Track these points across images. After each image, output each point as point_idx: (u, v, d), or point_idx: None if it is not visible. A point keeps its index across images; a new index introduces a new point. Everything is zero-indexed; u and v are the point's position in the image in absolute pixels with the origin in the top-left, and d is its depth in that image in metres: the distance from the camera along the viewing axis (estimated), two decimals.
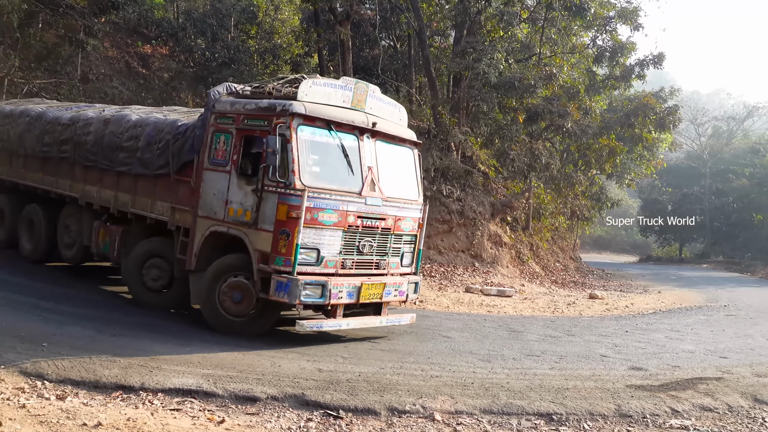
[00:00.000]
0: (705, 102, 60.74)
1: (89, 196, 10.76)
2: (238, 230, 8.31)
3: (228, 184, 8.49)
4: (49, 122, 11.68)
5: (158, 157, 9.51)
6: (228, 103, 8.76)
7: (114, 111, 11.24)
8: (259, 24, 25.24)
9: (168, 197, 9.40)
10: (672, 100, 27.03)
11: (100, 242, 10.43)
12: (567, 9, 20.69)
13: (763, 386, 7.69)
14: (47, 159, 11.72)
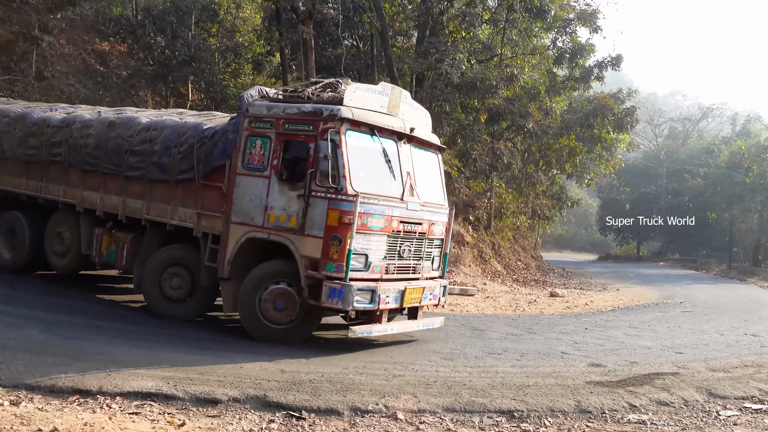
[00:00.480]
0: (661, 103, 62.10)
1: (89, 202, 10.35)
2: (282, 236, 8.19)
3: (267, 189, 8.34)
4: (35, 124, 11.13)
5: (180, 161, 9.23)
6: (264, 107, 8.60)
7: (114, 113, 10.85)
8: (220, 22, 24.97)
9: (192, 203, 9.17)
10: (630, 102, 27.56)
11: (104, 250, 10.06)
12: (528, 11, 20.92)
13: (717, 380, 7.89)
14: (32, 163, 11.19)
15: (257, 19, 26.38)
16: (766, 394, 7.53)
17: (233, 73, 25.30)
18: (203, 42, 23.26)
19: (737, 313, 15.58)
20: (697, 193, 42.75)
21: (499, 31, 23.72)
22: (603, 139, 24.58)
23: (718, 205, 37.83)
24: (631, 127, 25.46)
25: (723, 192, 37.00)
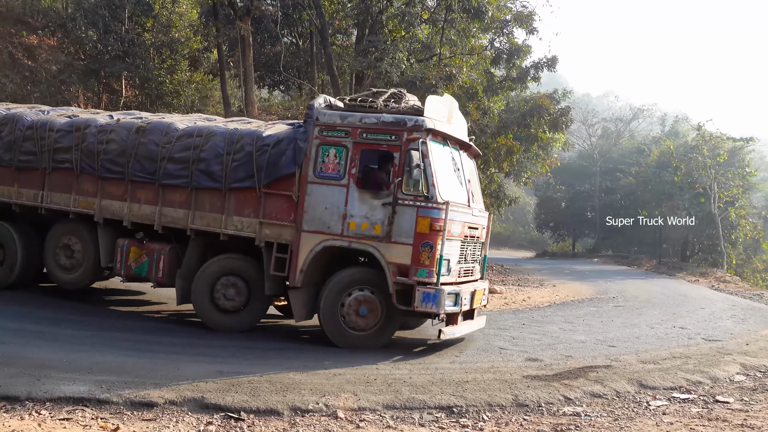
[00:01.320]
0: (595, 104, 63.86)
1: (110, 212, 9.86)
2: (365, 244, 8.40)
3: (346, 197, 8.48)
4: (30, 127, 10.37)
5: (235, 169, 9.07)
6: (337, 116, 8.71)
7: (132, 116, 10.42)
8: (155, 17, 24.36)
9: (252, 212, 9.06)
10: (565, 102, 28.23)
11: (132, 262, 9.66)
12: (466, 11, 21.17)
13: (648, 372, 8.16)
14: (26, 170, 10.44)
15: (194, 14, 25.89)
16: (693, 384, 7.84)
17: (169, 69, 24.72)
18: (137, 37, 22.66)
19: (666, 307, 16.16)
20: (629, 191, 44.12)
21: (438, 30, 23.94)
22: (539, 138, 24.99)
23: (649, 202, 39.10)
24: (566, 127, 26.01)
25: (653, 190, 38.27)
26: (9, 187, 10.60)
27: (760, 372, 8.84)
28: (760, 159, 50.59)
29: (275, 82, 28.00)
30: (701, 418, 6.37)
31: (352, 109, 8.85)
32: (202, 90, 26.58)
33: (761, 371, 8.89)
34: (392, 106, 8.86)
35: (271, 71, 26.51)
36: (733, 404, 7.00)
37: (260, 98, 29.18)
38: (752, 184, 37.12)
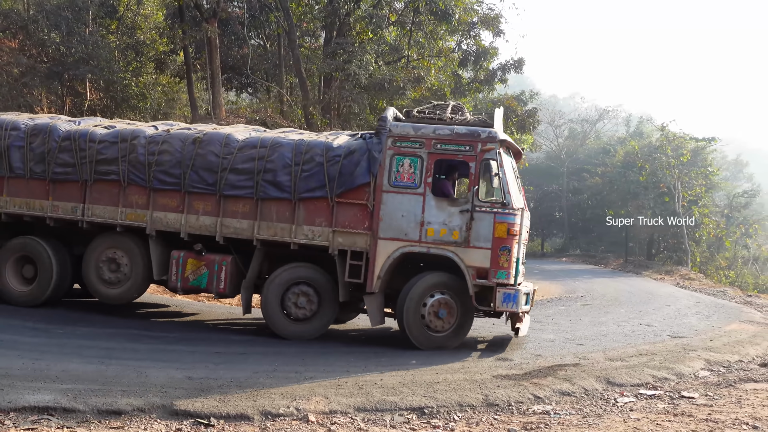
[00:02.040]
0: (562, 105, 64.53)
1: (163, 224, 9.73)
2: (444, 249, 8.91)
3: (422, 205, 8.97)
4: (66, 138, 10.02)
5: (305, 180, 9.27)
6: (410, 128, 9.16)
7: (182, 128, 10.26)
8: (120, 19, 24.02)
9: (324, 221, 9.28)
10: (532, 103, 28.47)
11: (190, 274, 9.63)
12: (433, 14, 21.29)
13: (615, 369, 8.28)
14: (62, 182, 10.07)
15: (159, 16, 25.58)
16: (659, 380, 7.98)
17: (135, 71, 24.38)
18: (102, 39, 22.31)
19: (633, 305, 16.43)
20: (595, 191, 44.71)
21: (405, 33, 24.03)
22: None
23: (615, 202, 39.67)
24: (534, 128, 26.26)
25: (619, 190, 38.83)
26: (42, 200, 10.16)
27: (723, 367, 9.04)
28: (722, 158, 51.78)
29: (243, 85, 27.79)
30: (667, 414, 6.48)
31: (422, 121, 9.35)
32: (168, 93, 26.28)
33: (725, 366, 9.09)
34: (457, 117, 9.44)
35: (238, 73, 26.30)
36: (697, 399, 7.14)
37: (228, 101, 28.93)
38: (714, 183, 37.88)
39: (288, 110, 23.73)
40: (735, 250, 38.61)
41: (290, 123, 21.59)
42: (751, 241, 39.73)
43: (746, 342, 11.04)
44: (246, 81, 26.88)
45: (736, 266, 37.76)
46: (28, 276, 10.25)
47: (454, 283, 9.02)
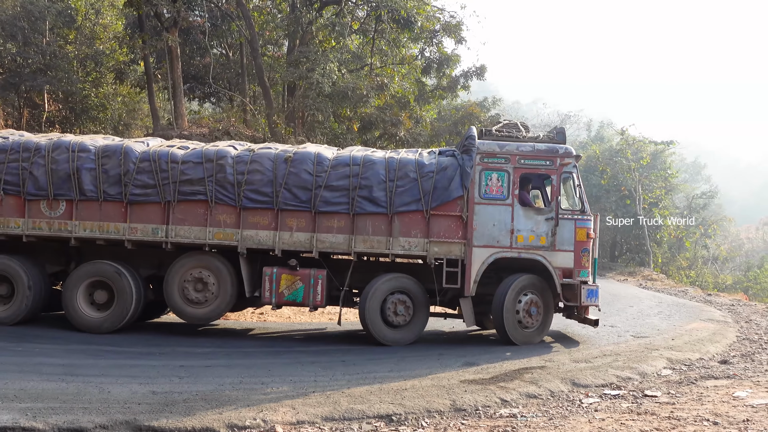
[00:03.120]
0: (525, 111, 65.30)
1: (254, 242, 10.01)
2: (533, 254, 10.11)
3: (512, 215, 10.12)
4: (144, 159, 10.03)
5: (400, 195, 10.01)
6: (496, 146, 10.31)
7: (265, 148, 10.43)
8: (78, 28, 23.65)
9: (419, 233, 10.06)
10: (495, 110, 28.76)
11: (285, 289, 10.07)
12: (395, 21, 21.39)
13: (580, 370, 8.38)
14: (141, 204, 10.03)
15: (119, 26, 25.26)
16: (623, 380, 8.10)
17: (94, 82, 24.01)
18: (60, 49, 21.97)
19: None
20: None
21: (368, 41, 24.10)
22: None
23: None
24: None
25: None
26: (118, 223, 10.04)
27: (685, 365, 9.21)
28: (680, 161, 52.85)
29: (205, 94, 27.56)
30: (631, 413, 6.57)
31: (501, 139, 10.52)
32: (129, 103, 25.95)
33: (686, 365, 9.26)
34: (529, 135, 10.76)
35: (200, 83, 26.07)
36: (660, 398, 7.26)
37: (190, 111, 28.65)
38: (674, 185, 38.67)
39: (252, 119, 23.60)
40: (695, 250, 39.41)
41: (254, 132, 21.48)
42: (710, 241, 40.61)
43: (706, 340, 11.27)
44: (209, 90, 26.67)
45: (696, 266, 38.56)
46: (100, 301, 10.10)
47: (539, 284, 10.22)
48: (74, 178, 9.97)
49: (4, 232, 10.07)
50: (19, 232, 10.04)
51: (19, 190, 10.02)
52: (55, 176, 9.98)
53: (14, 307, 10.03)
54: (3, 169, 10.03)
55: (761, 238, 67.96)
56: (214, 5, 24.02)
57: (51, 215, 10.06)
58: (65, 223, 10.03)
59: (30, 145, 10.11)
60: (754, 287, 34.71)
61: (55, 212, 10.07)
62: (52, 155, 10.00)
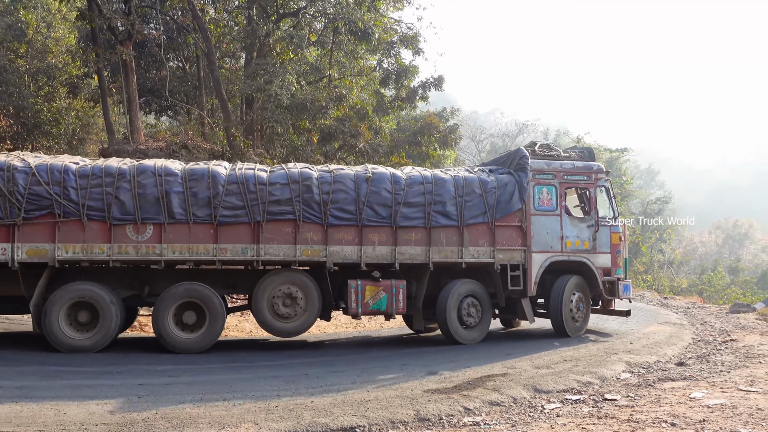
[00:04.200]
0: (483, 120, 66.03)
1: (340, 257, 10.68)
2: (579, 256, 11.92)
3: (560, 224, 11.83)
4: (233, 182, 10.31)
5: (469, 209, 11.23)
6: (543, 164, 11.99)
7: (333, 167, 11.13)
8: (29, 42, 23.16)
9: (486, 242, 11.37)
10: (453, 120, 29.01)
11: (370, 299, 10.86)
12: (353, 33, 21.44)
13: (542, 377, 8.47)
14: (229, 224, 10.27)
15: (71, 39, 24.81)
16: (584, 385, 8.22)
17: (46, 96, 23.52)
18: (10, 63, 21.46)
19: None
20: None
21: (326, 52, 24.11)
22: (431, 155, 25.57)
23: None
24: (456, 144, 26.74)
25: None
26: (207, 244, 10.21)
27: (643, 368, 9.39)
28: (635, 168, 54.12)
29: (162, 108, 27.18)
30: (592, 417, 6.66)
31: (545, 158, 12.21)
32: (83, 118, 25.46)
33: (644, 367, 9.44)
34: (564, 154, 12.51)
35: (157, 96, 25.72)
36: (620, 401, 7.38)
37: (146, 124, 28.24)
38: (629, 191, 39.50)
39: (210, 132, 23.35)
40: (651, 254, 40.27)
41: (212, 145, 21.25)
42: (665, 245, 41.54)
43: (663, 343, 11.51)
44: (165, 104, 26.32)
45: (653, 270, 39.39)
46: (189, 322, 10.28)
47: (582, 283, 12.00)
48: (163, 201, 10.04)
49: (89, 258, 9.91)
50: (104, 257, 9.93)
51: (104, 215, 9.91)
52: (142, 200, 9.99)
53: (99, 335, 9.95)
54: (86, 195, 9.89)
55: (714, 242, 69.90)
56: (169, 18, 23.77)
57: (138, 239, 10.04)
58: (153, 246, 10.06)
59: (112, 169, 10.05)
60: (708, 290, 35.59)
61: (142, 236, 10.07)
62: (138, 179, 10.03)
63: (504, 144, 54.89)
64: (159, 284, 10.51)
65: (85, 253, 9.88)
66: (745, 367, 9.18)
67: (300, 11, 22.61)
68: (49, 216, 9.77)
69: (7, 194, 9.61)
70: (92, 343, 9.90)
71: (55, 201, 9.74)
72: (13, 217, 9.65)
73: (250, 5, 22.60)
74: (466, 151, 48.54)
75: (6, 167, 9.67)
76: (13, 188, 9.63)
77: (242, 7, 23.83)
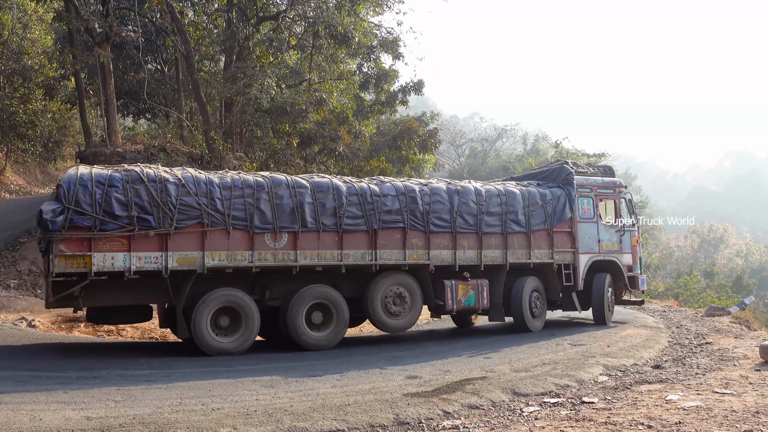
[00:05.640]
0: (462, 125, 66.31)
1: (439, 260, 12.15)
2: (611, 256, 14.35)
3: (597, 229, 14.25)
4: (354, 194, 11.43)
5: (534, 217, 13.20)
6: (583, 180, 14.35)
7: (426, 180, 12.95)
8: (4, 43, 22.88)
9: (545, 245, 13.41)
10: (433, 124, 29.15)
11: (462, 297, 12.43)
12: (333, 37, 21.46)
13: (520, 380, 8.52)
14: (350, 232, 11.34)
15: (48, 40, 24.56)
16: (562, 388, 8.28)
17: (22, 98, 23.26)
18: None
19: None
20: None
21: (306, 56, 24.11)
22: (411, 160, 25.66)
23: None
24: (435, 148, 26.85)
25: None
26: (332, 250, 11.21)
27: (620, 371, 9.48)
28: None
29: (140, 110, 26.99)
30: (569, 420, 6.72)
31: (580, 174, 14.38)
32: (59, 120, 25.21)
33: (621, 370, 9.54)
34: (595, 169, 15.05)
35: (135, 99, 25.55)
36: (597, 404, 7.45)
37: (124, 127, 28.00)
38: None
39: (188, 135, 23.23)
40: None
41: (191, 149, 21.13)
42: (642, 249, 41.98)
43: (640, 346, 11.64)
44: (143, 106, 26.15)
45: None
46: (317, 322, 11.21)
47: (610, 279, 14.30)
48: (297, 211, 10.89)
49: (233, 265, 10.49)
50: (246, 264, 10.56)
51: (246, 224, 10.55)
52: (279, 210, 10.78)
53: (243, 337, 10.57)
54: (230, 205, 10.47)
55: (690, 246, 70.78)
56: (148, 20, 23.62)
57: (275, 246, 10.79)
58: (288, 253, 10.87)
59: (250, 182, 10.77)
60: (684, 293, 36.03)
61: (278, 243, 10.83)
62: (275, 191, 10.83)
63: (483, 148, 55.15)
64: (277, 288, 11.28)
65: (229, 260, 10.48)
66: (720, 369, 9.31)
67: (280, 14, 22.59)
68: (198, 225, 10.27)
69: (161, 205, 9.95)
70: (235, 346, 10.48)
71: (203, 211, 10.27)
72: (166, 227, 9.99)
73: (229, 8, 22.54)
74: (445, 156, 48.71)
75: (158, 179, 10.06)
76: (166, 199, 10.01)
77: (222, 9, 23.75)
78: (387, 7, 25.48)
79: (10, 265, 16.92)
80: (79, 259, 9.47)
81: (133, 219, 9.76)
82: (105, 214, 9.60)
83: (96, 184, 9.64)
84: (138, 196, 9.85)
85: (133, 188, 9.86)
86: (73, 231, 9.44)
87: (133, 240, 9.78)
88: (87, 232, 9.52)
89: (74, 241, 9.47)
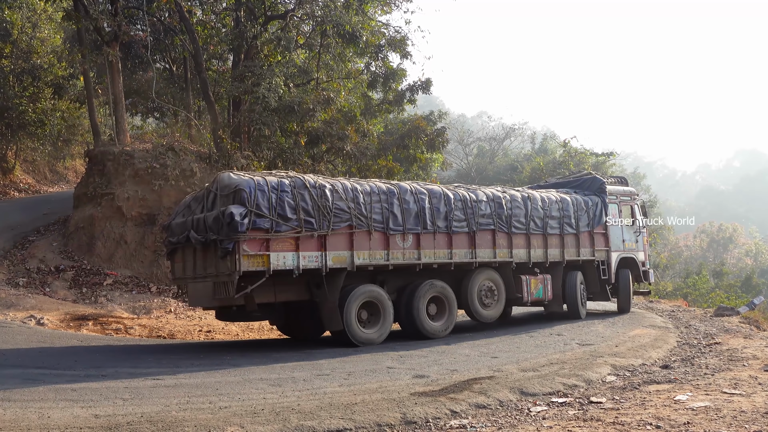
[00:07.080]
0: (470, 124, 66.20)
1: (518, 258, 13.82)
2: (632, 253, 16.59)
3: (621, 230, 16.41)
4: (458, 200, 12.92)
5: (579, 219, 15.18)
6: (611, 188, 16.46)
7: (503, 189, 14.49)
8: (14, 42, 22.99)
9: (588, 245, 15.42)
10: (441, 123, 29.07)
11: (534, 290, 14.13)
12: (341, 36, 21.46)
13: (528, 380, 8.49)
14: (457, 233, 12.79)
15: (57, 39, 24.66)
16: (569, 388, 8.24)
17: (31, 97, 23.36)
18: None
19: (545, 317, 16.88)
20: None
21: (314, 55, 24.12)
22: (418, 159, 25.63)
23: None
24: (443, 147, 26.80)
25: None
26: (443, 249, 12.60)
27: (628, 371, 9.44)
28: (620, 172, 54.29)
29: (149, 109, 27.09)
30: (577, 420, 6.69)
31: (612, 184, 16.79)
32: (68, 119, 25.31)
33: (629, 370, 9.49)
34: (612, 179, 17.28)
35: (143, 98, 25.64)
36: (605, 404, 7.41)
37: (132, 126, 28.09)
38: None
39: (197, 134, 23.28)
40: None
41: (199, 147, 21.17)
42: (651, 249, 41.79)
43: (648, 346, 11.58)
44: (152, 105, 26.24)
45: None
46: (432, 313, 12.63)
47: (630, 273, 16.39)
48: (420, 215, 12.25)
49: (374, 264, 11.68)
50: (383, 262, 11.80)
51: (383, 226, 11.77)
52: (407, 214, 12.07)
53: (383, 329, 11.90)
54: (371, 209, 11.65)
55: (699, 246, 70.41)
56: (156, 19, 23.68)
57: (404, 246, 12.08)
58: (413, 252, 12.19)
59: (383, 189, 12.05)
60: (693, 293, 35.83)
61: (406, 243, 12.11)
62: (403, 197, 12.12)
63: (491, 147, 55.04)
64: (392, 283, 12.39)
65: (371, 259, 11.65)
66: (729, 370, 9.25)
67: (288, 13, 22.60)
68: (348, 228, 11.37)
69: (322, 208, 11.01)
70: (377, 336, 11.77)
71: (352, 214, 11.39)
72: (325, 229, 11.02)
73: (237, 7, 22.57)
74: (453, 155, 48.63)
75: (317, 185, 11.12)
76: (325, 203, 11.07)
77: (230, 8, 23.80)
78: (395, 6, 25.48)
79: (19, 263, 17.01)
80: (259, 258, 10.34)
81: (301, 221, 10.74)
82: (279, 216, 10.53)
83: (271, 189, 10.59)
84: (304, 201, 10.86)
85: (299, 193, 10.86)
86: (254, 232, 10.29)
87: (299, 241, 10.75)
88: (265, 233, 10.39)
89: (255, 242, 10.32)
